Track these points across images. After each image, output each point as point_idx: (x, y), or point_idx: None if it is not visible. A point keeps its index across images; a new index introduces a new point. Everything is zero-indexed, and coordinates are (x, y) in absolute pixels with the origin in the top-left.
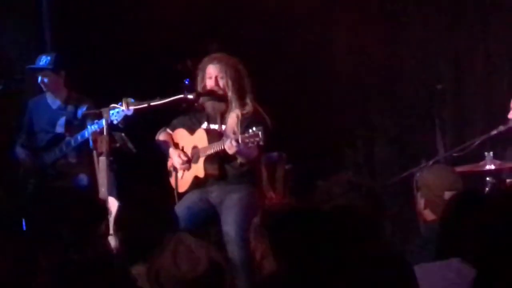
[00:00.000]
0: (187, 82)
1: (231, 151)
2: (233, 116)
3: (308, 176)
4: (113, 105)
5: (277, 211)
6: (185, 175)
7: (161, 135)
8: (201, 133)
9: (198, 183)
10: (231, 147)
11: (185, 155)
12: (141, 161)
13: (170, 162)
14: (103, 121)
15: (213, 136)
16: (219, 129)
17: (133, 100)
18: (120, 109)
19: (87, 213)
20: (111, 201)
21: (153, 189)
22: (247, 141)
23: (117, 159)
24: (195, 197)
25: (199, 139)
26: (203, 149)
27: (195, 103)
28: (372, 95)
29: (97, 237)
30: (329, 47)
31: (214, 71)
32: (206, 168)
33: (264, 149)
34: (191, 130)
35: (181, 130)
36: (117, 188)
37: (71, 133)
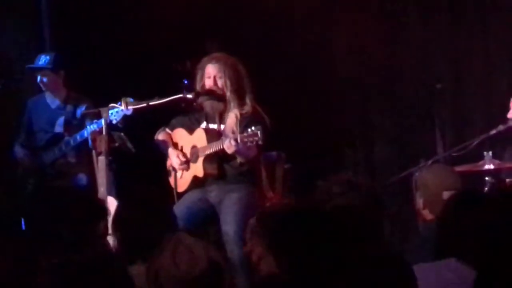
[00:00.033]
0: (186, 82)
1: (230, 151)
2: (232, 116)
3: (307, 175)
4: (112, 104)
5: (276, 211)
6: (184, 175)
7: (160, 135)
8: (200, 132)
9: (197, 182)
10: (230, 146)
11: (184, 155)
12: (140, 160)
13: (169, 161)
14: (102, 121)
15: (212, 135)
16: (218, 128)
17: (132, 99)
18: (119, 108)
19: (85, 213)
20: (110, 200)
21: (152, 188)
22: (246, 140)
23: (116, 158)
24: (194, 196)
25: (198, 138)
26: (202, 148)
27: (194, 103)
28: (372, 95)
29: (96, 236)
30: (329, 47)
31: (212, 70)
32: (205, 167)
33: (263, 149)
34: (190, 129)
35: (180, 129)
36: (116, 187)
37: (70, 132)
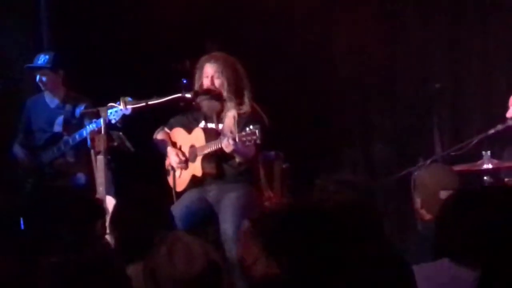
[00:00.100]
0: (185, 81)
1: (228, 150)
2: (230, 115)
3: (306, 175)
4: (111, 104)
5: (272, 212)
6: (183, 174)
7: (159, 134)
8: (198, 132)
9: (195, 182)
10: (228, 145)
11: (183, 154)
12: (139, 160)
13: (168, 161)
14: (101, 120)
15: (211, 135)
16: (216, 128)
17: (130, 99)
18: (118, 108)
19: (83, 212)
20: (109, 200)
21: (151, 188)
22: (244, 139)
23: (115, 158)
24: (193, 196)
25: (197, 138)
26: (201, 148)
27: (193, 102)
28: (371, 95)
29: (94, 236)
30: (329, 47)
31: (210, 70)
32: (203, 167)
33: (261, 148)
34: (188, 129)
35: (179, 129)
36: (115, 187)
37: (69, 132)
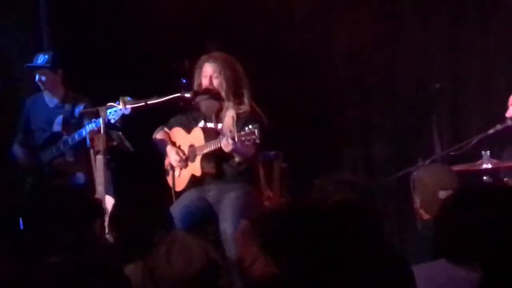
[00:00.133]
0: (185, 81)
1: (228, 149)
2: (229, 115)
3: (305, 175)
4: (111, 103)
5: (272, 212)
6: (182, 174)
7: (158, 134)
8: (197, 131)
9: (195, 181)
10: (227, 145)
11: (183, 152)
12: (138, 159)
13: (167, 160)
14: (100, 120)
15: (210, 134)
16: (215, 127)
17: (130, 98)
18: (117, 107)
19: (81, 212)
20: (108, 199)
21: (150, 187)
22: (243, 139)
23: (114, 157)
24: (192, 195)
25: (196, 137)
26: (200, 147)
27: (192, 102)
28: (371, 95)
29: (93, 235)
30: (329, 47)
31: (209, 70)
32: (203, 166)
33: (260, 147)
34: (188, 128)
35: (178, 129)
36: (114, 186)
37: (68, 131)
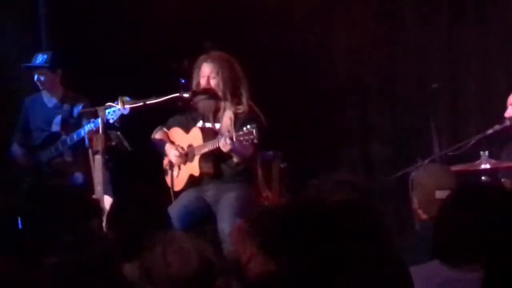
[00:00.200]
0: (183, 81)
1: (226, 149)
2: (227, 115)
3: (304, 175)
4: (109, 103)
5: (270, 211)
6: (181, 174)
7: (157, 134)
8: (196, 131)
9: (193, 181)
10: (225, 145)
11: (182, 148)
12: (137, 159)
13: (166, 160)
14: (99, 120)
15: (208, 134)
16: (214, 127)
17: (129, 98)
18: (116, 107)
19: (79, 211)
20: (107, 199)
21: (148, 187)
22: (242, 139)
23: (112, 157)
24: (190, 195)
25: (194, 137)
26: (198, 147)
27: (191, 102)
28: (371, 95)
29: (92, 235)
30: (329, 47)
31: (207, 70)
32: (201, 166)
33: (259, 148)
34: (186, 129)
35: (177, 128)
36: (112, 186)
37: (67, 131)
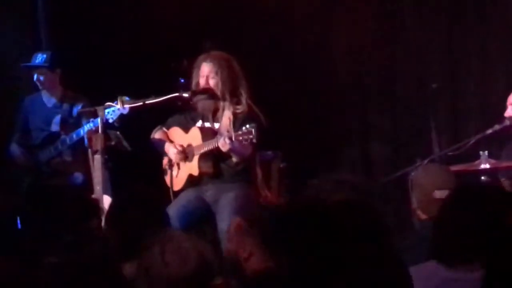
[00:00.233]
0: (183, 80)
1: (225, 149)
2: (226, 115)
3: (304, 175)
4: (109, 103)
5: (269, 210)
6: (180, 173)
7: (156, 134)
8: (195, 131)
9: (192, 181)
10: (224, 144)
11: (181, 145)
12: (136, 159)
13: (165, 160)
14: (98, 120)
15: (207, 134)
16: (213, 127)
17: (128, 98)
18: (115, 107)
19: (79, 211)
20: (106, 199)
21: (148, 187)
22: (241, 138)
23: (112, 157)
24: (190, 195)
25: (193, 137)
26: (197, 147)
27: (190, 102)
28: (371, 95)
29: (91, 235)
30: (329, 47)
31: (206, 69)
32: (200, 166)
33: (258, 147)
34: (186, 128)
35: (176, 128)
36: (112, 186)
37: (66, 131)
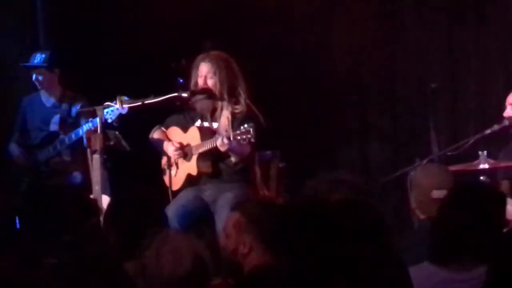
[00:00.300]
0: (181, 80)
1: (223, 148)
2: (225, 115)
3: (303, 174)
4: (107, 103)
5: (268, 206)
6: (179, 173)
7: (155, 133)
8: (194, 131)
9: (191, 181)
10: (222, 144)
11: (179, 143)
12: (135, 159)
13: (164, 160)
14: (97, 119)
15: (206, 133)
16: (211, 127)
17: (127, 98)
18: (114, 107)
19: (78, 211)
20: (105, 199)
21: (146, 187)
22: (239, 138)
23: (111, 157)
24: (189, 195)
25: (192, 136)
26: (196, 146)
27: (189, 102)
28: (371, 95)
29: (91, 235)
30: (329, 47)
31: (204, 69)
32: (199, 166)
33: (257, 147)
34: (184, 128)
35: (175, 128)
36: (110, 186)
37: (65, 131)
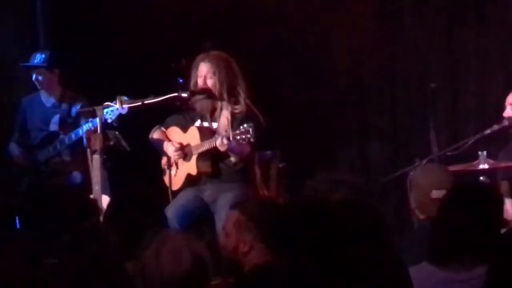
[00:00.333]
0: (181, 80)
1: (223, 148)
2: (225, 115)
3: (303, 174)
4: (107, 103)
5: (268, 204)
6: (179, 173)
7: (155, 133)
8: (193, 130)
9: (191, 181)
10: (222, 144)
11: (179, 143)
12: (135, 159)
13: (163, 160)
14: (97, 119)
15: (205, 133)
16: (211, 127)
17: (127, 98)
18: (114, 107)
19: (78, 211)
20: (105, 199)
21: (146, 186)
22: (238, 138)
23: (110, 157)
24: (188, 195)
25: (192, 137)
26: (196, 146)
27: (189, 102)
28: (371, 95)
29: (91, 235)
30: (329, 47)
31: (204, 69)
32: (198, 165)
33: (257, 147)
34: (184, 128)
35: (174, 128)
36: (110, 186)
37: (65, 131)
